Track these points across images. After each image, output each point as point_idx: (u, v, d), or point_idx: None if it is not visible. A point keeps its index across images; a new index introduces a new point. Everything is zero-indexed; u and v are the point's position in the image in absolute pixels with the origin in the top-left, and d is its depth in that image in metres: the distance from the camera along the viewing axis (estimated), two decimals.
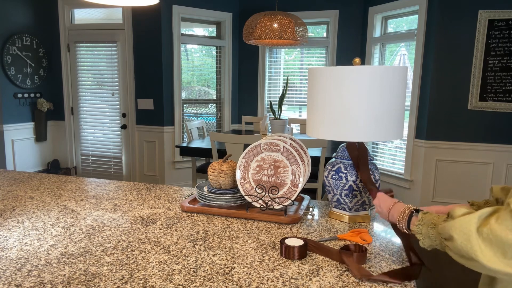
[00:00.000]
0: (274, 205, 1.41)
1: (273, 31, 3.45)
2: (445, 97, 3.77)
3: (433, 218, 0.91)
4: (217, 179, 1.49)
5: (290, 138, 1.50)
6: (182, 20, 4.76)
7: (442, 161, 3.85)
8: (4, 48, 4.25)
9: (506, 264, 0.73)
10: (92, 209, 1.52)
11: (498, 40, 3.53)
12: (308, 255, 1.13)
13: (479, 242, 0.75)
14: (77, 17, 4.89)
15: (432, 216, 0.92)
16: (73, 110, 4.99)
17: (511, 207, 0.74)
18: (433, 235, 0.89)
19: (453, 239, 0.79)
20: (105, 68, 4.82)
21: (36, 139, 4.74)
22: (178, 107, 4.81)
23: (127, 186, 1.87)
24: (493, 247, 0.74)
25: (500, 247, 0.73)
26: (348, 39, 4.73)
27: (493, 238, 0.74)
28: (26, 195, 1.70)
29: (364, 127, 1.22)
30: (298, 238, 1.16)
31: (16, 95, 4.43)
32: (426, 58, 3.85)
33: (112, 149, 4.96)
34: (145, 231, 1.30)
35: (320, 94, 1.27)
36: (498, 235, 0.73)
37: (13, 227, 1.33)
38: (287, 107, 5.23)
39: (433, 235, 0.89)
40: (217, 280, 0.98)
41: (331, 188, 1.42)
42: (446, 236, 0.82)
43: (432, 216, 0.92)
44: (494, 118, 3.64)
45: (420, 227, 0.92)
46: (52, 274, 1.00)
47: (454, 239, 0.79)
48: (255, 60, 5.17)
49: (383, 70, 1.20)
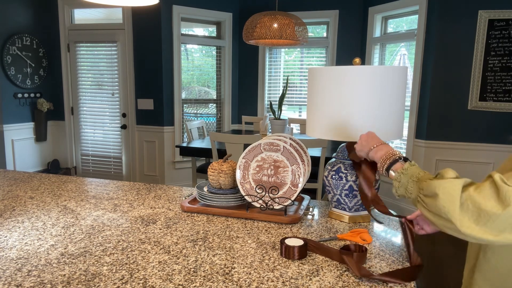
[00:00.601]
0: (274, 205, 1.41)
1: (273, 31, 3.45)
2: (445, 97, 3.77)
3: (418, 172, 0.91)
4: (217, 179, 1.49)
5: (290, 138, 1.50)
6: (182, 20, 4.76)
7: (442, 161, 3.85)
8: (4, 48, 4.25)
9: (478, 231, 0.76)
10: (92, 209, 1.52)
11: (498, 40, 3.53)
12: (308, 255, 1.13)
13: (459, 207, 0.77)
14: (77, 17, 4.89)
15: (418, 170, 0.92)
16: (73, 110, 4.99)
17: (493, 178, 0.77)
18: (411, 188, 0.89)
19: (437, 197, 0.80)
20: (105, 68, 4.82)
21: (36, 139, 4.74)
22: (178, 107, 4.81)
23: (127, 186, 1.87)
24: (468, 213, 0.77)
25: (474, 213, 0.76)
26: (348, 39, 4.73)
27: (470, 204, 0.77)
28: (26, 195, 1.70)
29: (364, 127, 1.22)
30: (298, 238, 1.16)
31: (16, 95, 4.43)
32: (426, 58, 3.85)
33: (112, 149, 4.96)
34: (145, 231, 1.30)
35: (320, 94, 1.27)
36: (476, 201, 0.76)
37: (13, 227, 1.33)
38: (287, 107, 5.23)
39: (411, 187, 0.89)
40: (217, 280, 0.98)
41: (331, 188, 1.42)
42: (428, 193, 0.82)
43: (417, 169, 0.92)
44: (494, 118, 3.64)
45: (401, 176, 0.92)
46: (52, 274, 1.00)
47: (438, 197, 0.80)
48: (255, 60, 5.17)
49: (383, 70, 1.20)
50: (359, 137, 1.14)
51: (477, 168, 3.75)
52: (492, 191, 0.76)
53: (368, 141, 1.09)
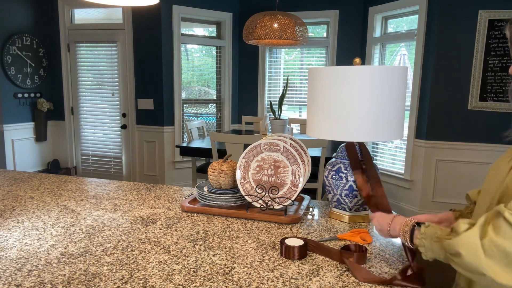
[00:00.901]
0: (274, 205, 1.41)
1: (273, 31, 3.45)
2: (445, 97, 3.77)
3: (436, 231, 0.90)
4: (217, 179, 1.49)
5: (290, 138, 1.50)
6: (182, 20, 4.76)
7: (442, 161, 3.85)
8: (4, 48, 4.25)
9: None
10: (92, 209, 1.52)
11: (498, 40, 3.53)
12: (308, 255, 1.13)
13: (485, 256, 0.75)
14: (77, 17, 4.89)
15: (435, 230, 0.90)
16: (73, 110, 4.99)
17: (504, 215, 0.75)
18: (437, 249, 0.88)
19: (460, 255, 0.78)
20: (105, 68, 4.82)
21: (36, 139, 4.74)
22: (178, 107, 4.81)
23: (127, 186, 1.87)
24: (496, 260, 0.74)
25: (503, 258, 0.74)
26: (348, 39, 4.73)
27: (495, 250, 0.74)
28: (26, 195, 1.70)
29: (364, 127, 1.22)
30: (298, 238, 1.16)
31: (16, 95, 4.43)
32: (426, 58, 3.85)
33: (112, 149, 4.95)
34: (145, 231, 1.30)
35: (320, 94, 1.27)
36: (500, 245, 0.74)
37: (13, 227, 1.33)
38: (287, 107, 5.22)
39: (436, 249, 0.88)
40: (217, 280, 0.98)
41: (331, 188, 1.42)
42: (452, 252, 0.81)
43: (434, 229, 0.91)
44: (494, 118, 3.64)
45: (424, 241, 0.91)
46: (52, 274, 1.00)
47: (461, 255, 0.78)
48: (255, 60, 5.17)
49: (383, 70, 1.20)
50: (372, 221, 1.14)
51: (477, 168, 3.75)
52: (510, 229, 0.74)
53: (381, 223, 1.07)
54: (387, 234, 1.06)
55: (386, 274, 1.04)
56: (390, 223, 1.04)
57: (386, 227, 1.05)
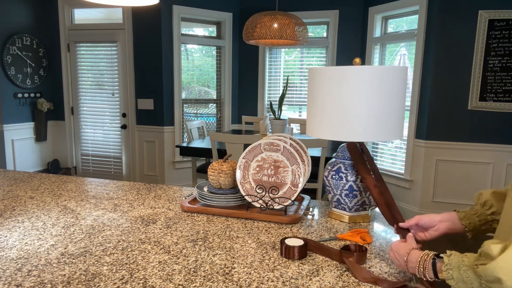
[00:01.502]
0: (274, 205, 1.41)
1: (273, 31, 3.45)
2: (445, 97, 3.77)
3: (461, 259, 0.83)
4: (217, 179, 1.49)
5: (290, 138, 1.50)
6: (182, 20, 4.76)
7: (442, 161, 3.85)
8: (4, 48, 4.25)
9: None
10: (92, 209, 1.52)
11: (498, 40, 3.53)
12: (308, 255, 1.13)
13: None
14: (77, 17, 4.89)
15: (460, 258, 0.84)
16: (73, 110, 4.99)
17: None
18: (469, 278, 0.80)
19: (501, 281, 0.73)
20: (105, 68, 4.82)
21: (36, 139, 4.74)
22: (178, 107, 4.81)
23: (127, 186, 1.87)
24: None
25: None
26: (348, 39, 4.73)
27: None
28: (26, 195, 1.70)
29: (364, 127, 1.22)
30: (298, 238, 1.16)
31: (16, 95, 4.43)
32: (426, 58, 3.85)
33: (112, 149, 4.95)
34: (145, 231, 1.30)
35: (320, 94, 1.27)
36: None
37: (13, 227, 1.33)
38: (287, 107, 5.22)
39: (468, 278, 0.80)
40: (217, 280, 0.98)
41: (331, 188, 1.42)
42: (490, 279, 0.75)
43: (459, 257, 0.84)
44: (494, 118, 3.64)
45: (451, 272, 0.83)
46: (52, 274, 1.00)
47: (502, 281, 0.72)
48: (255, 60, 5.17)
49: (383, 70, 1.20)
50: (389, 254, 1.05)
51: (477, 168, 3.75)
52: None
53: (397, 258, 0.99)
54: (404, 269, 0.98)
55: (386, 274, 1.04)
56: (406, 259, 0.96)
57: (403, 262, 0.97)
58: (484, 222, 1.08)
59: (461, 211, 1.11)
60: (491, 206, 1.07)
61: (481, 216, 1.08)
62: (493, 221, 1.07)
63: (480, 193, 1.11)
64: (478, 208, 1.09)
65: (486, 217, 1.07)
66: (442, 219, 1.09)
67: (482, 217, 1.08)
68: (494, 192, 1.07)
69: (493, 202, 1.07)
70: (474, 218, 1.08)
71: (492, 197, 1.07)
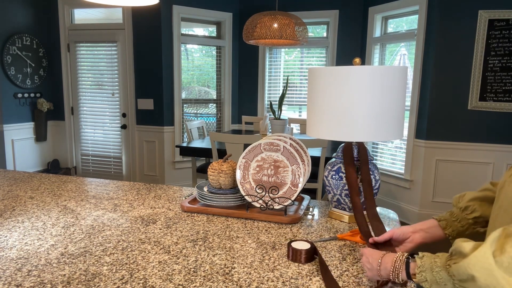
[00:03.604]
0: (274, 205, 1.41)
1: (273, 31, 3.45)
2: (445, 97, 3.77)
3: (434, 260, 0.81)
4: (217, 179, 1.49)
5: (290, 138, 1.50)
6: (182, 20, 4.76)
7: (442, 161, 3.85)
8: (4, 48, 4.25)
9: None
10: (92, 209, 1.52)
11: (498, 40, 3.53)
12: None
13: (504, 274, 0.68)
14: (77, 17, 4.89)
15: (432, 258, 0.82)
16: (73, 110, 4.99)
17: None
18: (443, 279, 0.78)
19: (474, 278, 0.71)
20: (105, 68, 4.82)
21: (36, 139, 4.74)
22: (178, 107, 4.81)
23: (127, 186, 1.87)
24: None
25: None
26: (348, 39, 4.73)
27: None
28: (26, 195, 1.70)
29: (364, 127, 1.22)
30: (305, 241, 1.14)
31: (16, 95, 4.43)
32: (426, 58, 3.85)
33: (112, 149, 4.96)
34: (145, 231, 1.30)
35: (320, 94, 1.27)
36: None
37: (13, 227, 1.33)
38: (287, 107, 5.22)
39: (441, 279, 0.79)
40: (217, 280, 0.98)
41: (331, 188, 1.42)
42: (464, 277, 0.73)
43: (431, 258, 0.82)
44: (494, 118, 3.64)
45: (424, 274, 0.81)
46: (52, 274, 1.00)
47: (476, 278, 0.71)
48: (255, 60, 5.17)
49: (383, 70, 1.20)
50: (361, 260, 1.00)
51: (477, 168, 3.75)
52: None
53: (370, 262, 0.95)
54: (376, 274, 0.93)
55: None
56: (380, 261, 0.92)
57: (376, 268, 0.93)
58: (467, 227, 1.07)
59: (442, 219, 1.09)
60: (473, 210, 1.05)
61: (462, 222, 1.07)
62: (475, 224, 1.06)
63: (461, 196, 1.10)
64: (457, 213, 1.08)
65: (468, 221, 1.06)
66: (415, 230, 1.08)
67: (464, 222, 1.07)
68: (476, 198, 1.06)
69: (476, 206, 1.05)
70: (456, 225, 1.07)
71: (474, 202, 1.06)
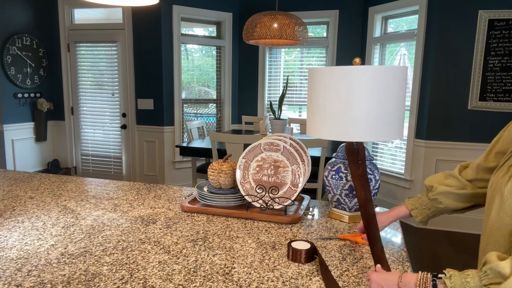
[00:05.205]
0: (274, 205, 1.41)
1: (273, 31, 3.45)
2: (445, 97, 3.77)
3: (465, 280, 0.77)
4: (217, 179, 1.49)
5: (290, 138, 1.50)
6: (182, 20, 4.76)
7: (442, 161, 3.85)
8: (4, 48, 4.25)
9: None
10: (92, 209, 1.52)
11: (498, 40, 3.52)
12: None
13: None
14: (77, 17, 4.89)
15: (462, 278, 0.77)
16: (73, 110, 4.99)
17: None
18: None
19: None
20: (105, 68, 4.82)
21: (36, 139, 4.74)
22: (178, 107, 4.81)
23: (127, 186, 1.87)
24: None
25: None
26: (348, 39, 4.73)
27: None
28: (26, 195, 1.70)
29: (364, 127, 1.22)
30: (304, 241, 1.14)
31: (16, 95, 4.43)
32: (426, 58, 3.85)
33: (112, 149, 4.95)
34: (145, 231, 1.30)
35: (320, 94, 1.27)
36: None
37: (13, 227, 1.33)
38: (287, 107, 5.22)
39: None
40: (217, 280, 0.98)
41: (331, 188, 1.42)
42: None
43: (460, 277, 0.78)
44: (494, 118, 3.64)
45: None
46: (52, 274, 1.00)
47: None
48: (255, 60, 5.17)
49: (383, 70, 1.20)
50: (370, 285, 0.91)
51: None
52: None
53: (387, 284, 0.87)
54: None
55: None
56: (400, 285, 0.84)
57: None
58: (436, 212, 1.19)
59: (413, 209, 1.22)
60: (441, 202, 1.15)
61: (432, 209, 1.18)
62: (442, 210, 1.16)
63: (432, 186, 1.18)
64: (427, 201, 1.18)
65: (436, 208, 1.17)
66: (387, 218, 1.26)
67: (433, 209, 1.18)
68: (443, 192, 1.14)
69: (442, 199, 1.14)
70: (426, 212, 1.19)
71: (442, 195, 1.14)
